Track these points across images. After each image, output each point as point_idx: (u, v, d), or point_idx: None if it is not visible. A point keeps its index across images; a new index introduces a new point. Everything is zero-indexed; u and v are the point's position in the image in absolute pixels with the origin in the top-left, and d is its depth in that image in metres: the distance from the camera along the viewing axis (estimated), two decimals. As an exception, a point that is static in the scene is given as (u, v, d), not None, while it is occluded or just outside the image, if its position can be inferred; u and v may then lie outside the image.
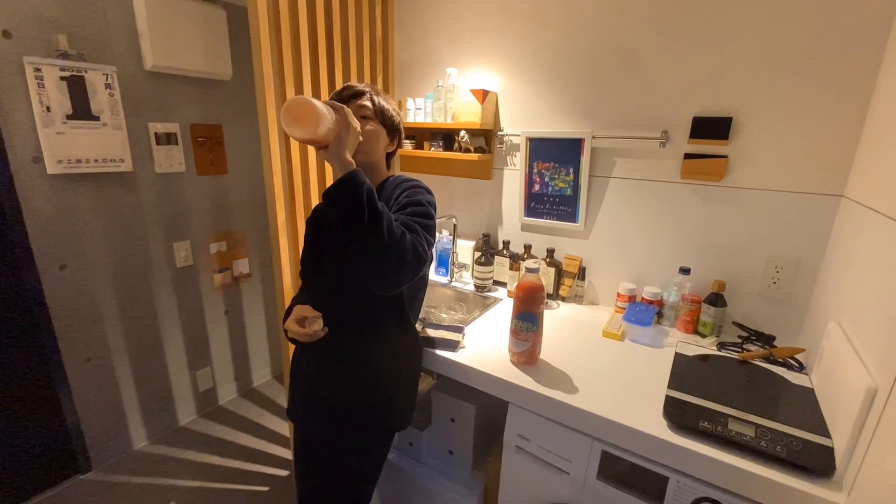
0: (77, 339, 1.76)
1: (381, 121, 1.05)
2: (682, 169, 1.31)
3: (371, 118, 1.03)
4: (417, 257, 0.86)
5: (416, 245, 0.86)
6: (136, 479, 1.86)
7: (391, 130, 1.08)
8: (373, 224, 0.81)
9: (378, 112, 1.04)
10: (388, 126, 1.07)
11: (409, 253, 0.84)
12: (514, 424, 1.10)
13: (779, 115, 1.17)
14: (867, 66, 1.04)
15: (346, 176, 0.83)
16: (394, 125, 1.08)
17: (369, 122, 1.02)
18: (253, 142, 2.25)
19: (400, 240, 0.83)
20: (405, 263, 0.84)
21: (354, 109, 1.00)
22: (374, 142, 1.03)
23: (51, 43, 1.55)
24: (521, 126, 1.62)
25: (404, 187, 1.02)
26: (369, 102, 1.03)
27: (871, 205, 0.91)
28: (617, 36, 1.36)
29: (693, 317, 1.31)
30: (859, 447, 0.73)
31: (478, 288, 1.68)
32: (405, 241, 0.84)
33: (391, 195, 1.02)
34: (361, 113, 1.01)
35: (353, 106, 1.00)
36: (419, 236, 0.89)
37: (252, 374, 2.54)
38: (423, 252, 0.88)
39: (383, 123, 1.05)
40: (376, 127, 1.04)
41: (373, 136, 1.03)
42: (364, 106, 1.02)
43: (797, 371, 1.08)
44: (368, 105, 1.03)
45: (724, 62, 1.21)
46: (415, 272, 0.88)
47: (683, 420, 0.88)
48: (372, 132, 1.02)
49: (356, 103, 1.02)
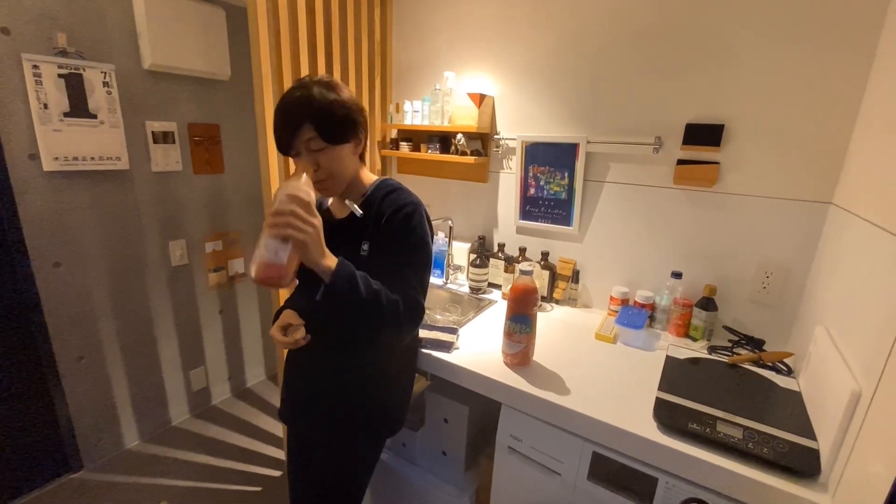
0: (70, 337, 1.75)
1: (335, 137, 0.89)
2: (675, 174, 1.33)
3: (324, 147, 0.88)
4: (412, 319, 0.90)
5: (411, 303, 0.90)
6: (127, 478, 1.85)
7: (351, 134, 0.92)
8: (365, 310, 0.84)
9: (327, 131, 0.87)
10: (345, 134, 0.91)
11: (404, 318, 0.88)
12: (507, 425, 1.11)
13: (770, 123, 1.19)
14: (857, 75, 1.06)
15: (331, 282, 0.80)
16: (354, 125, 0.92)
17: (325, 152, 0.88)
18: (250, 141, 2.25)
19: (394, 310, 0.86)
20: (401, 328, 0.90)
21: (303, 145, 0.87)
22: (339, 168, 0.92)
23: (49, 40, 1.55)
24: (517, 130, 1.63)
25: (395, 205, 0.94)
26: (313, 130, 0.86)
27: (858, 212, 0.93)
28: (613, 43, 1.38)
29: (684, 320, 1.33)
30: (844, 449, 0.75)
31: (473, 290, 1.69)
32: (399, 309, 0.87)
33: (379, 206, 0.96)
34: (312, 147, 0.87)
35: (299, 144, 0.87)
36: (415, 291, 0.92)
37: (246, 374, 2.53)
38: (418, 309, 0.91)
39: (338, 138, 0.89)
40: (334, 152, 0.89)
41: (335, 163, 0.90)
42: (311, 140, 0.87)
43: (785, 375, 1.09)
44: (314, 135, 0.86)
45: (718, 69, 1.23)
46: (412, 328, 0.93)
47: (673, 422, 0.89)
48: (332, 161, 0.90)
49: (301, 140, 0.87)
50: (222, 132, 2.13)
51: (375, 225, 0.95)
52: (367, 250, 0.95)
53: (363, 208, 0.97)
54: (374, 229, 0.95)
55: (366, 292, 0.83)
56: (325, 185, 0.93)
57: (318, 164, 0.89)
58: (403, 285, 0.90)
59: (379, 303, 0.85)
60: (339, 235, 0.98)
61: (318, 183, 0.91)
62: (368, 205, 0.97)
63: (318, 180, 0.90)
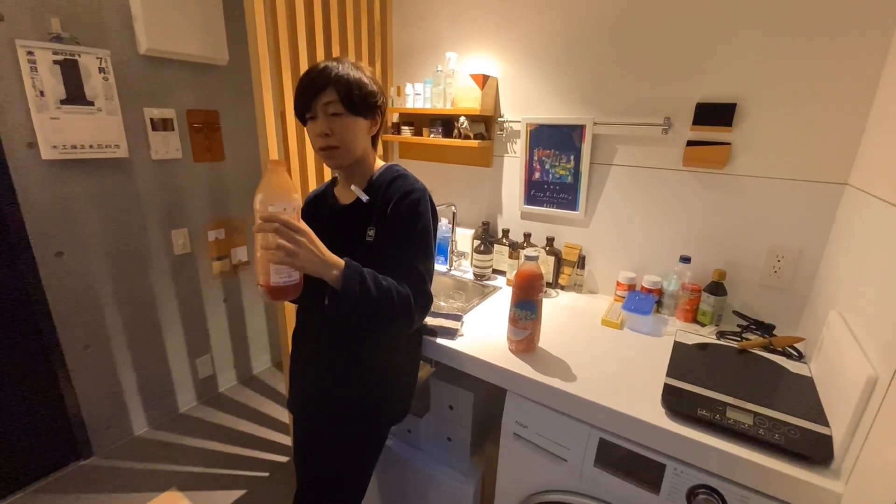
0: (75, 326, 1.76)
1: (354, 107, 0.90)
2: (685, 156, 1.29)
3: (342, 113, 0.89)
4: (423, 307, 0.92)
5: (421, 295, 0.90)
6: (136, 464, 1.87)
7: (369, 111, 0.94)
8: (380, 308, 0.84)
9: (348, 100, 0.89)
10: (364, 109, 0.92)
11: (416, 309, 0.89)
12: (512, 412, 1.10)
13: (784, 102, 1.15)
14: (874, 51, 1.01)
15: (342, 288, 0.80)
16: (373, 104, 0.94)
17: (341, 118, 0.90)
18: (250, 128, 2.22)
19: (406, 304, 0.87)
20: (413, 321, 0.91)
21: (322, 109, 0.89)
22: (351, 139, 0.92)
23: (43, 26, 1.52)
24: (521, 112, 1.59)
25: (401, 190, 0.94)
26: (335, 94, 0.88)
27: (875, 192, 0.90)
28: (619, 20, 1.33)
29: (693, 306, 1.31)
30: (858, 436, 0.73)
31: (477, 276, 1.67)
32: (409, 302, 0.88)
33: (385, 192, 0.95)
34: (330, 111, 0.89)
35: (318, 105, 0.89)
36: (423, 282, 0.92)
37: (252, 362, 2.54)
38: (427, 299, 0.93)
39: (357, 109, 0.91)
40: (350, 121, 0.91)
41: (348, 133, 0.91)
42: (330, 103, 0.88)
43: (796, 360, 1.07)
44: (335, 98, 0.88)
45: (729, 46, 1.19)
46: (423, 318, 0.94)
47: (681, 408, 0.88)
48: (346, 130, 0.91)
49: (321, 102, 0.88)
50: (221, 119, 2.10)
51: (381, 210, 0.95)
52: (373, 236, 0.95)
53: (369, 191, 0.96)
54: (381, 215, 0.95)
55: (377, 291, 0.83)
56: (333, 154, 0.93)
57: (331, 130, 0.90)
58: (413, 276, 0.90)
59: (391, 301, 0.85)
60: (344, 220, 0.98)
61: (327, 150, 0.92)
62: (375, 189, 0.97)
63: (328, 146, 0.91)
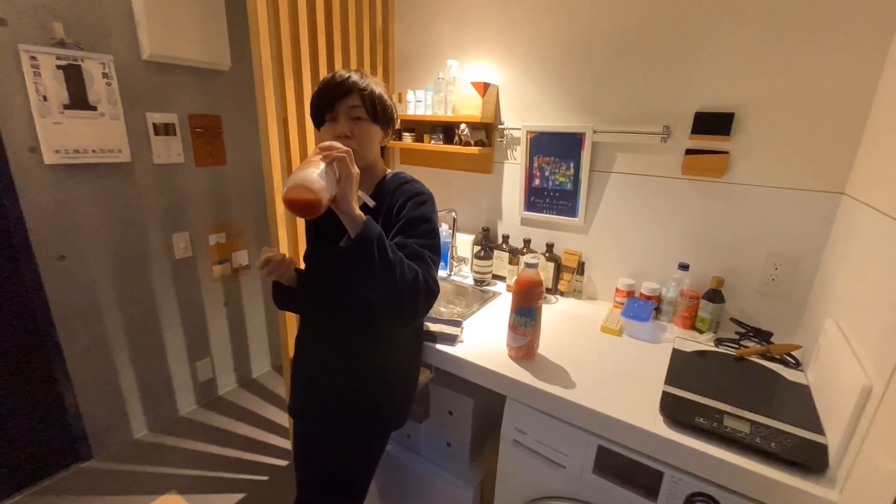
0: (76, 329, 1.76)
1: (375, 116, 0.95)
2: (683, 165, 1.31)
3: (363, 118, 0.93)
4: (430, 293, 0.88)
5: (428, 279, 0.87)
6: (136, 467, 1.87)
7: (385, 122, 0.99)
8: (388, 275, 0.81)
9: (370, 108, 0.93)
10: (383, 119, 0.97)
11: (422, 292, 0.86)
12: (512, 418, 1.10)
13: (781, 112, 1.16)
14: (871, 63, 1.03)
15: (360, 235, 0.78)
16: (390, 117, 0.99)
17: (362, 123, 0.93)
18: (252, 133, 2.23)
19: (413, 283, 0.84)
20: (419, 303, 0.87)
21: (344, 111, 0.92)
22: (369, 144, 0.96)
23: (47, 31, 1.53)
24: (521, 120, 1.61)
25: (408, 193, 0.97)
26: (359, 100, 0.92)
27: (871, 203, 0.91)
28: (620, 29, 1.35)
29: (691, 313, 1.32)
30: (853, 444, 0.74)
31: (477, 282, 1.68)
32: (418, 283, 0.85)
33: (391, 197, 0.98)
34: (353, 114, 0.92)
35: (342, 107, 0.92)
36: (430, 267, 0.90)
37: (251, 365, 2.55)
38: (435, 285, 0.90)
39: (377, 118, 0.95)
40: (370, 127, 0.95)
41: (367, 138, 0.95)
42: (355, 107, 0.92)
43: (793, 368, 1.08)
44: (359, 104, 0.92)
45: (728, 56, 1.20)
46: (429, 306, 0.91)
47: (679, 416, 0.88)
48: (366, 135, 0.94)
49: (346, 105, 0.92)
50: (223, 123, 2.11)
51: (388, 214, 0.97)
52: None
53: (378, 195, 0.98)
54: (388, 218, 0.97)
55: (391, 252, 0.82)
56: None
57: (352, 132, 0.92)
58: (421, 261, 0.89)
59: (402, 266, 0.83)
60: None
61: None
62: (383, 193, 0.99)
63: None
